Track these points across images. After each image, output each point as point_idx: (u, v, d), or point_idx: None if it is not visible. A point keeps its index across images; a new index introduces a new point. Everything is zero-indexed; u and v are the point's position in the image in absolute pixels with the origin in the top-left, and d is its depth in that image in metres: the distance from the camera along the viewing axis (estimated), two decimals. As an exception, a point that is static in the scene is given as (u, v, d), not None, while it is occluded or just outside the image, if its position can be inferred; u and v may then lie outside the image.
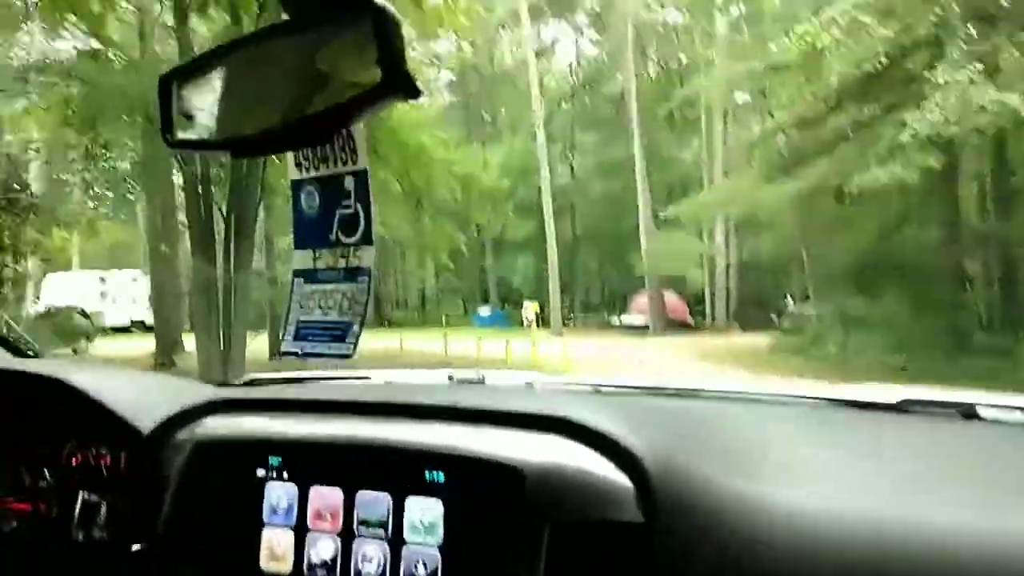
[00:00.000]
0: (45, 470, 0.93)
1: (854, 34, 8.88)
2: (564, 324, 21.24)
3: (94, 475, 0.90)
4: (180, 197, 10.58)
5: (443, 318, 21.31)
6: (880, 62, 9.10)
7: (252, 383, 1.09)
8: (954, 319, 9.53)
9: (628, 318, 21.61)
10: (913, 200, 10.72)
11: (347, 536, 0.73)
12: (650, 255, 20.30)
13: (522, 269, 25.72)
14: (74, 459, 0.91)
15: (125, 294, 18.32)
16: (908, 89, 9.09)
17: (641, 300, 21.44)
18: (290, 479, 0.76)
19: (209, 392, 0.85)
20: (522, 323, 13.50)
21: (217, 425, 0.83)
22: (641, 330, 19.85)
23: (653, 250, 20.32)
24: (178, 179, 10.32)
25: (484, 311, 22.55)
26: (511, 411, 0.70)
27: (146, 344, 12.80)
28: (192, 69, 0.66)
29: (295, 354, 0.75)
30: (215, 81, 0.65)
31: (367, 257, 0.72)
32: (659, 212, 20.87)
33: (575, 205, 26.80)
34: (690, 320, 21.62)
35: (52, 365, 0.97)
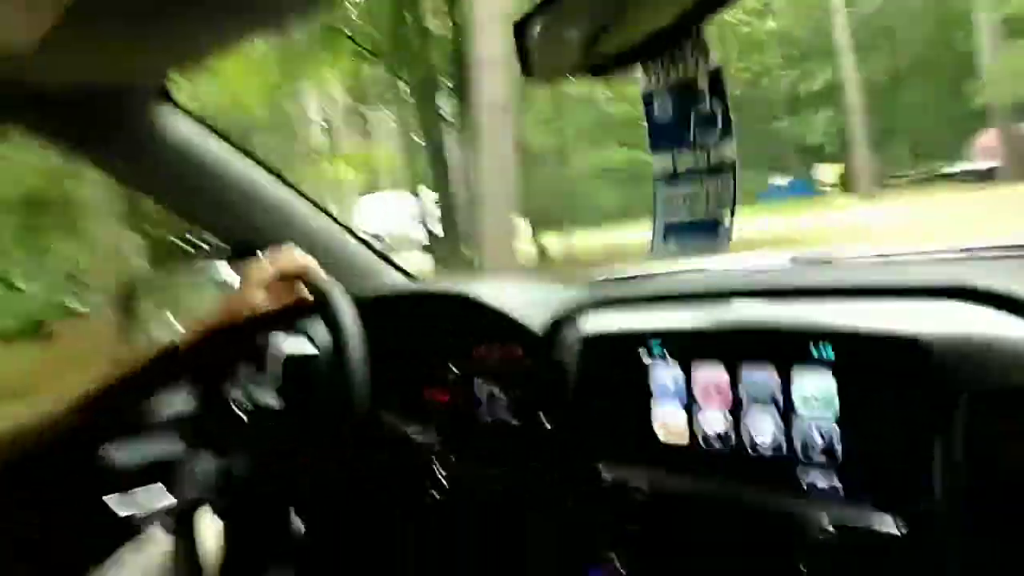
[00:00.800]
0: (456, 369, 1.22)
1: None
2: (880, 184, 19.07)
3: (496, 371, 1.15)
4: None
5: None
6: None
7: (602, 283, 1.27)
8: None
9: (969, 164, 18.58)
10: None
11: (736, 410, 0.87)
12: (996, 77, 16.96)
13: (823, 125, 23.36)
14: (478, 358, 1.18)
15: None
16: None
17: (987, 139, 18.22)
18: (674, 361, 0.92)
19: (583, 293, 1.03)
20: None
21: (599, 320, 1.01)
22: (987, 177, 16.98)
23: (1001, 70, 16.93)
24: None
25: (779, 180, 21.16)
26: (898, 284, 0.76)
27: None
28: (538, 10, 0.80)
29: (668, 255, 0.87)
30: (563, 14, 0.79)
31: (728, 151, 0.81)
32: (1005, 18, 17.21)
33: (888, 32, 23.22)
34: (1062, 156, 17.85)
35: (453, 283, 1.23)
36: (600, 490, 0.96)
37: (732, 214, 0.81)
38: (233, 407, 1.19)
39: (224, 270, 1.53)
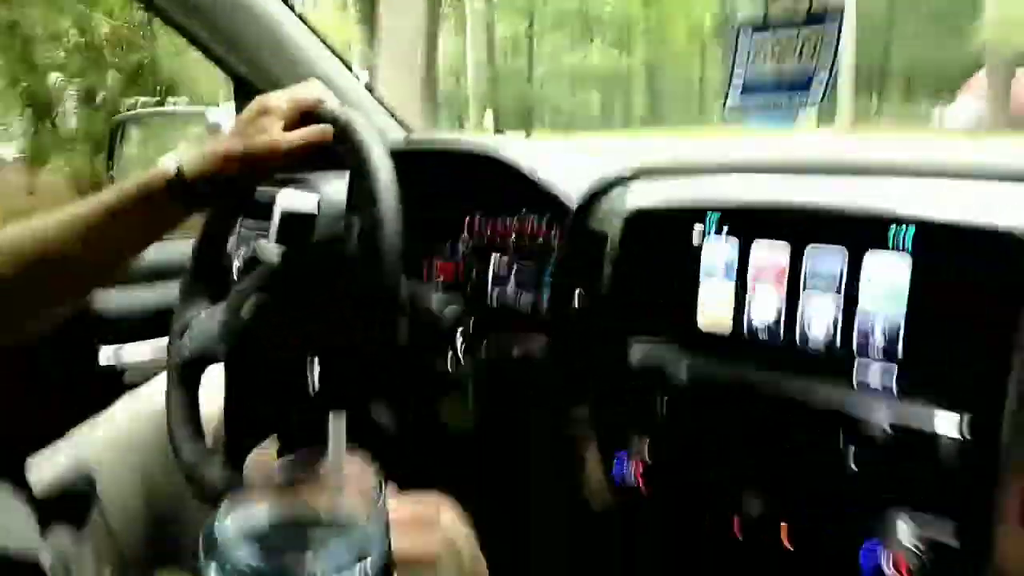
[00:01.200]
0: (469, 237, 1.16)
1: None
2: (858, 122, 19.00)
3: (520, 242, 1.10)
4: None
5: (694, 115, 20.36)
6: None
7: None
8: None
9: (955, 111, 18.59)
10: None
11: (793, 294, 0.83)
12: (996, 18, 16.78)
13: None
14: (499, 229, 1.12)
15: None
16: None
17: (977, 84, 18.18)
18: (732, 239, 0.88)
19: (628, 163, 0.97)
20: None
21: (646, 191, 0.96)
22: (971, 130, 17.03)
23: (1002, 13, 16.75)
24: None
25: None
26: (992, 169, 0.72)
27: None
28: None
29: (743, 110, 0.82)
30: None
31: (835, -5, 0.74)
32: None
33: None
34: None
35: (474, 140, 1.15)
36: (633, 373, 0.94)
37: (831, 73, 0.76)
38: (235, 258, 1.12)
39: (215, 114, 1.43)
